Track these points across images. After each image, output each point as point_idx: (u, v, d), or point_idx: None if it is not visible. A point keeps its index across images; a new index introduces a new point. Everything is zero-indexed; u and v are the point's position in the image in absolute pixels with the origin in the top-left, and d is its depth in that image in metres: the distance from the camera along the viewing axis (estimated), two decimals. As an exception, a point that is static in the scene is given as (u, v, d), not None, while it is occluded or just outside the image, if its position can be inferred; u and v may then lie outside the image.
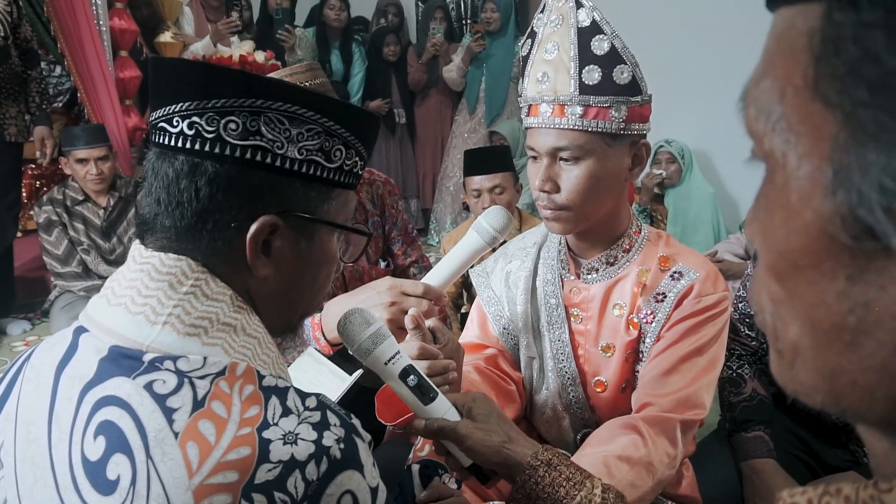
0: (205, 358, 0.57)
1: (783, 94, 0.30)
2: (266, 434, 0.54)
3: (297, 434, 0.55)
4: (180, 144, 0.59)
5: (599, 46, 0.99)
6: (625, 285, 1.11)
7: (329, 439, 0.55)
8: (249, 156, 0.59)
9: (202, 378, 0.56)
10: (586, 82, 0.99)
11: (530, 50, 1.06)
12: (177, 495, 0.51)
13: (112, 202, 2.95)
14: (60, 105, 3.78)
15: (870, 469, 0.35)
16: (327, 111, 0.62)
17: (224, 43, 4.01)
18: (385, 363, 0.80)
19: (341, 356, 1.16)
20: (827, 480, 1.16)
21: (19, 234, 3.35)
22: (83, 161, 2.81)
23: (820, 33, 0.29)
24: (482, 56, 4.55)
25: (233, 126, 0.59)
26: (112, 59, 3.45)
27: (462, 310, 2.54)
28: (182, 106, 0.59)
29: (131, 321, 0.58)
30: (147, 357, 0.56)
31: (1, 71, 2.88)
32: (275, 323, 0.66)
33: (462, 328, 1.33)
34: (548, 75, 1.02)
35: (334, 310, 1.13)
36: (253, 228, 0.60)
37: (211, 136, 0.59)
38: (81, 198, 2.91)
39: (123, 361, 0.56)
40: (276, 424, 0.55)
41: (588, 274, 1.14)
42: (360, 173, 0.69)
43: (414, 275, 2.06)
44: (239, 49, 3.93)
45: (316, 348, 1.19)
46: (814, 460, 1.47)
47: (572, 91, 1.00)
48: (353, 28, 4.72)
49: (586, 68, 0.99)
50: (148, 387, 0.55)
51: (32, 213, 3.00)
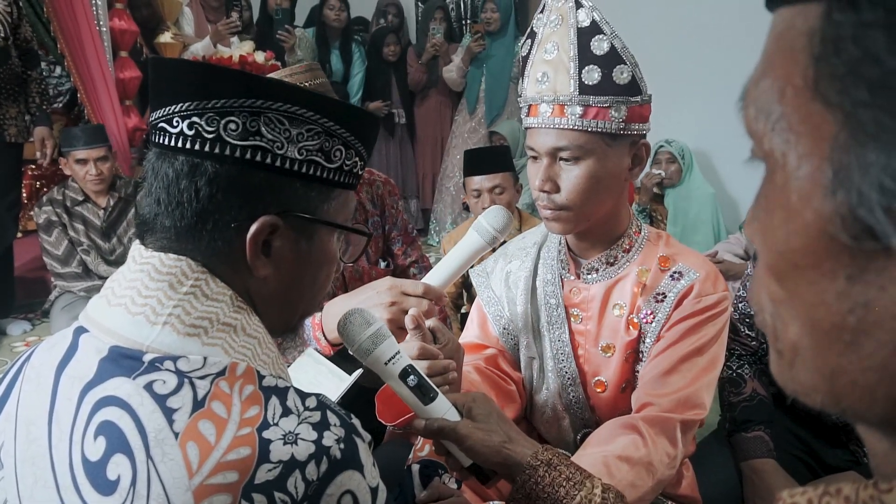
0: (205, 358, 0.57)
1: (783, 94, 0.30)
2: (266, 434, 0.54)
3: (298, 434, 0.55)
4: (180, 145, 0.59)
5: (599, 46, 0.99)
6: (625, 285, 1.11)
7: (329, 439, 0.55)
8: (249, 156, 0.59)
9: (202, 378, 0.56)
10: (586, 82, 0.99)
11: (530, 50, 1.06)
12: (177, 495, 0.51)
13: (112, 202, 2.95)
14: (60, 106, 3.78)
15: (870, 469, 0.35)
16: (327, 111, 0.62)
17: (224, 43, 4.01)
18: (385, 363, 0.80)
19: (342, 356, 1.16)
20: (827, 480, 1.16)
21: (19, 235, 3.35)
22: (82, 161, 2.81)
23: (819, 33, 0.29)
24: (482, 56, 4.55)
25: (233, 126, 0.59)
26: (112, 60, 3.45)
27: (462, 310, 2.54)
28: (182, 106, 0.59)
29: (131, 321, 0.58)
30: (147, 357, 0.56)
31: (1, 71, 2.88)
32: (275, 323, 0.66)
33: (462, 328, 1.33)
34: (547, 75, 1.02)
35: (335, 310, 1.13)
36: (253, 229, 0.60)
37: (211, 137, 0.59)
38: (81, 198, 2.91)
39: (123, 362, 0.57)
40: (277, 424, 0.55)
41: (588, 274, 1.14)
42: (360, 173, 0.69)
43: (414, 275, 2.06)
44: (239, 49, 3.93)
45: (316, 348, 1.19)
46: (814, 460, 1.47)
47: (572, 91, 1.00)
48: (353, 28, 4.72)
49: (586, 68, 0.99)
50: (148, 387, 0.55)
51: (32, 214, 3.00)
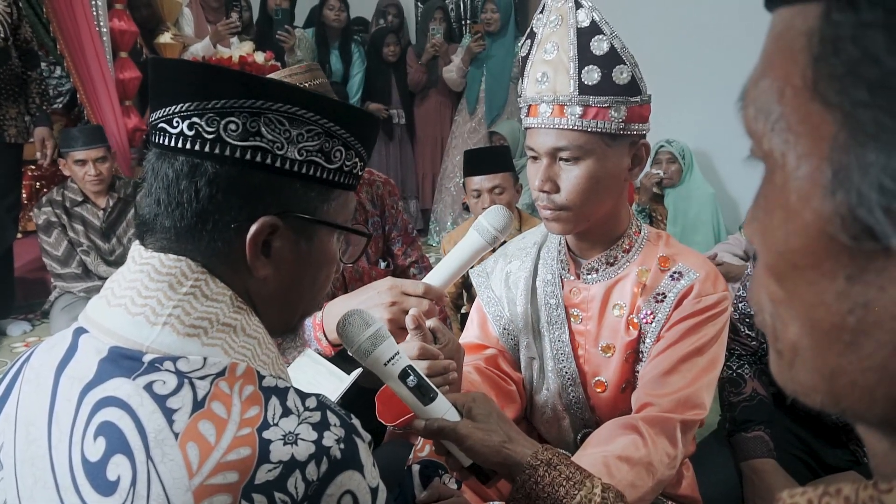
0: (205, 358, 0.57)
1: (782, 95, 0.30)
2: (266, 434, 0.54)
3: (298, 434, 0.55)
4: (180, 145, 0.59)
5: (599, 47, 0.99)
6: (625, 285, 1.11)
7: (329, 439, 0.55)
8: (249, 156, 0.59)
9: (202, 378, 0.56)
10: (586, 82, 0.99)
11: (529, 50, 1.06)
12: (177, 496, 0.51)
13: (111, 203, 2.94)
14: (60, 106, 3.78)
15: (870, 469, 0.35)
16: (327, 112, 0.62)
17: (224, 44, 4.01)
18: (384, 364, 0.80)
19: (342, 357, 1.16)
20: (827, 480, 1.16)
21: (19, 236, 3.35)
22: (81, 162, 2.81)
23: (819, 33, 0.29)
24: (482, 56, 4.55)
25: (233, 127, 0.59)
26: (112, 60, 3.45)
27: (462, 310, 2.54)
28: (182, 107, 0.59)
29: (131, 322, 0.58)
30: (147, 358, 0.56)
31: (1, 72, 2.88)
32: (274, 323, 0.66)
33: (462, 328, 1.33)
34: (547, 75, 1.02)
35: (336, 310, 1.13)
36: (253, 229, 0.60)
37: (211, 137, 0.59)
38: (80, 199, 2.91)
39: (123, 362, 0.56)
40: (277, 425, 0.55)
41: (588, 274, 1.14)
42: (360, 174, 0.69)
43: (414, 275, 2.06)
44: (239, 50, 3.93)
45: (317, 349, 1.19)
46: (814, 460, 1.47)
47: (572, 91, 1.00)
48: (353, 28, 4.73)
49: (586, 68, 0.99)
50: (148, 387, 0.55)
51: (32, 215, 3.00)
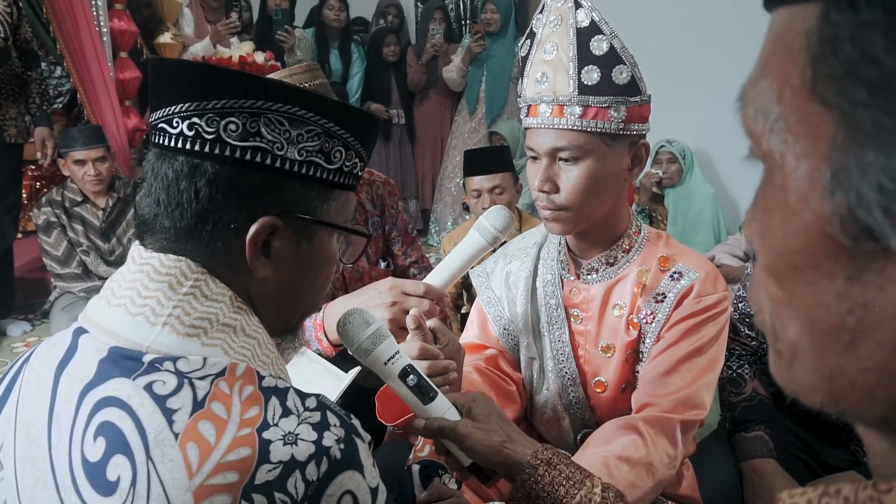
0: (204, 359, 0.57)
1: (781, 95, 0.30)
2: (266, 434, 0.54)
3: (297, 434, 0.55)
4: (180, 145, 0.59)
5: (598, 47, 0.99)
6: (625, 286, 1.11)
7: (329, 440, 0.55)
8: (249, 157, 0.59)
9: (202, 379, 0.56)
10: (585, 82, 0.99)
11: (529, 50, 1.06)
12: (177, 496, 0.51)
13: (111, 203, 2.94)
14: (60, 106, 3.78)
15: (869, 469, 0.35)
16: (327, 112, 0.62)
17: (224, 44, 4.01)
18: (385, 363, 0.80)
19: (343, 357, 1.16)
20: (827, 480, 1.16)
21: (19, 236, 3.35)
22: (81, 162, 2.81)
23: (817, 34, 0.29)
24: (482, 56, 4.55)
25: (233, 127, 0.59)
26: (112, 61, 3.45)
27: (462, 310, 2.54)
28: (182, 107, 0.59)
29: (131, 322, 0.58)
30: (147, 358, 0.56)
31: (1, 72, 2.88)
32: (274, 324, 0.66)
33: (462, 329, 1.33)
34: (547, 75, 1.02)
35: (336, 311, 1.13)
36: (252, 229, 0.60)
37: (211, 137, 0.59)
38: (80, 199, 2.90)
39: (123, 362, 0.57)
40: (276, 425, 0.55)
41: (588, 274, 1.14)
42: (360, 174, 0.69)
43: (414, 275, 2.06)
44: (238, 50, 3.93)
45: (318, 349, 1.19)
46: (814, 460, 1.47)
47: (571, 91, 1.00)
48: (353, 28, 4.73)
49: (585, 68, 0.99)
50: (148, 388, 0.55)
51: (32, 215, 3.00)
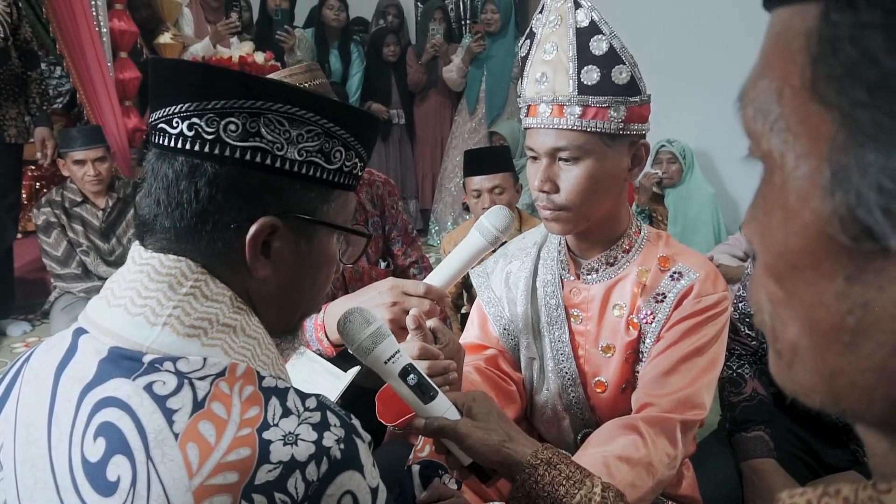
0: (204, 359, 0.57)
1: (781, 95, 0.30)
2: (266, 435, 0.54)
3: (298, 435, 0.55)
4: (180, 145, 0.59)
5: (598, 46, 0.99)
6: (625, 286, 1.11)
7: (329, 440, 0.55)
8: (249, 157, 0.59)
9: (202, 379, 0.56)
10: (585, 82, 0.99)
11: (529, 50, 1.06)
12: (177, 496, 0.51)
13: (111, 203, 2.94)
14: (60, 106, 3.78)
15: (869, 469, 0.35)
16: (327, 112, 0.62)
17: (223, 44, 4.01)
18: (385, 362, 0.80)
19: (343, 357, 1.16)
20: (827, 480, 1.16)
21: (19, 236, 3.35)
22: (80, 162, 2.81)
23: (817, 34, 0.29)
24: (483, 57, 4.55)
25: (232, 127, 0.59)
26: (112, 61, 3.45)
27: (462, 310, 2.54)
28: (182, 107, 0.59)
29: (131, 322, 0.58)
30: (147, 358, 0.56)
31: (1, 72, 2.88)
32: (274, 324, 0.66)
33: (462, 329, 1.33)
34: (546, 75, 1.02)
35: (337, 311, 1.13)
36: (252, 229, 0.60)
37: (210, 138, 0.59)
38: (80, 199, 2.90)
39: (123, 363, 0.57)
40: (277, 425, 0.55)
41: (588, 274, 1.14)
42: (360, 174, 0.69)
43: (414, 275, 2.06)
44: (238, 50, 3.92)
45: (319, 349, 1.19)
46: (814, 460, 1.47)
47: (571, 91, 1.00)
48: (353, 28, 4.73)
49: (585, 68, 0.99)
50: (148, 388, 0.55)
51: (32, 215, 3.00)
